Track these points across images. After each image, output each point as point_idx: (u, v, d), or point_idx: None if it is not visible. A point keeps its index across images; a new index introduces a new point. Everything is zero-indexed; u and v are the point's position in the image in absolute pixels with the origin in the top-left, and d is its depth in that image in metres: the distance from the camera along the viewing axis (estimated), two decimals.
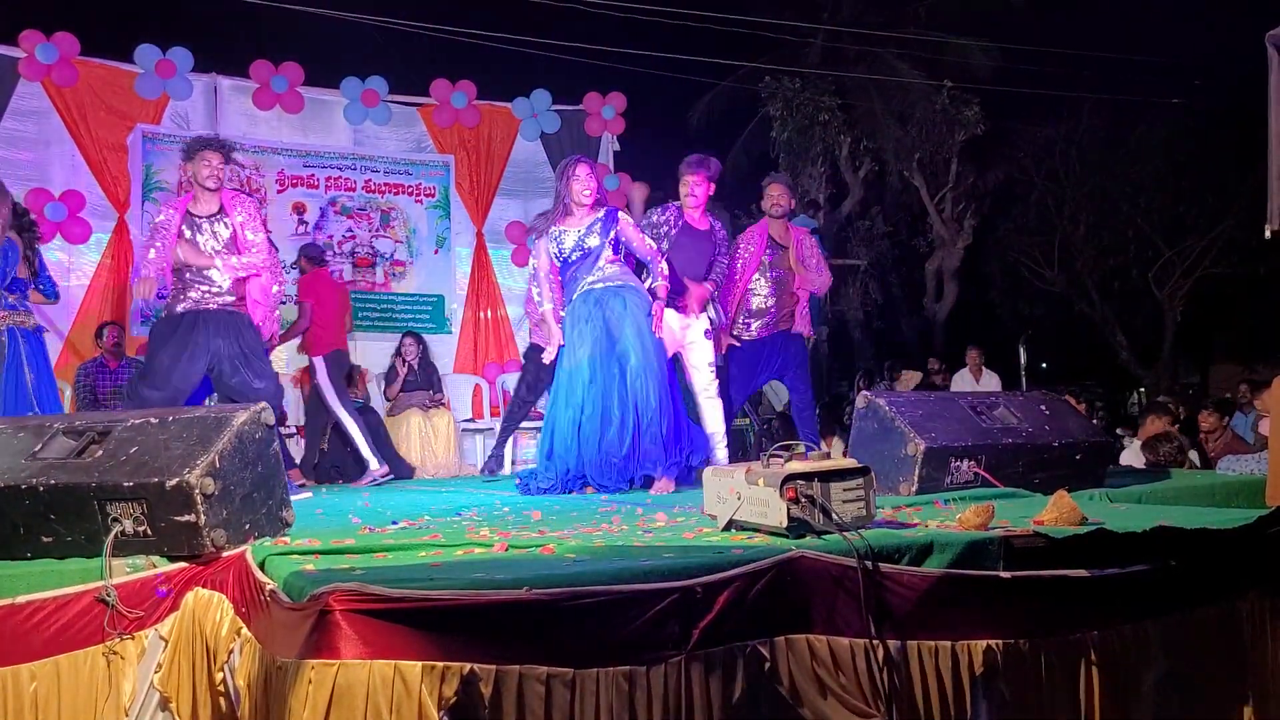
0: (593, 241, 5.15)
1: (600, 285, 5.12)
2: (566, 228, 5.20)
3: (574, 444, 4.94)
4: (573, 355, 5.09)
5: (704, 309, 5.60)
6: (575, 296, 5.16)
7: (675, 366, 5.41)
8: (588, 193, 5.16)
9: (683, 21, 13.18)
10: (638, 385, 4.95)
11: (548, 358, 5.32)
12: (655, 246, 5.33)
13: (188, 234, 5.20)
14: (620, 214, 5.29)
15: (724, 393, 5.69)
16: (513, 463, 7.47)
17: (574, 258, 5.18)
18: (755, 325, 6.10)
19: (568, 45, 12.20)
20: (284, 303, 6.64)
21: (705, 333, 5.53)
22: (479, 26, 11.80)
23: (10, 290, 5.42)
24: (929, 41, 15.76)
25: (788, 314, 6.15)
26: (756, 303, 6.10)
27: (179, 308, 5.17)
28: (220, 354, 5.13)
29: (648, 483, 4.88)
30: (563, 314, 5.25)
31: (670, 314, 5.37)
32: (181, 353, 5.06)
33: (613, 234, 5.19)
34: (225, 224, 5.28)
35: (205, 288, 5.18)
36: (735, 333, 6.10)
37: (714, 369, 5.54)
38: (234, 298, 5.24)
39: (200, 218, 5.24)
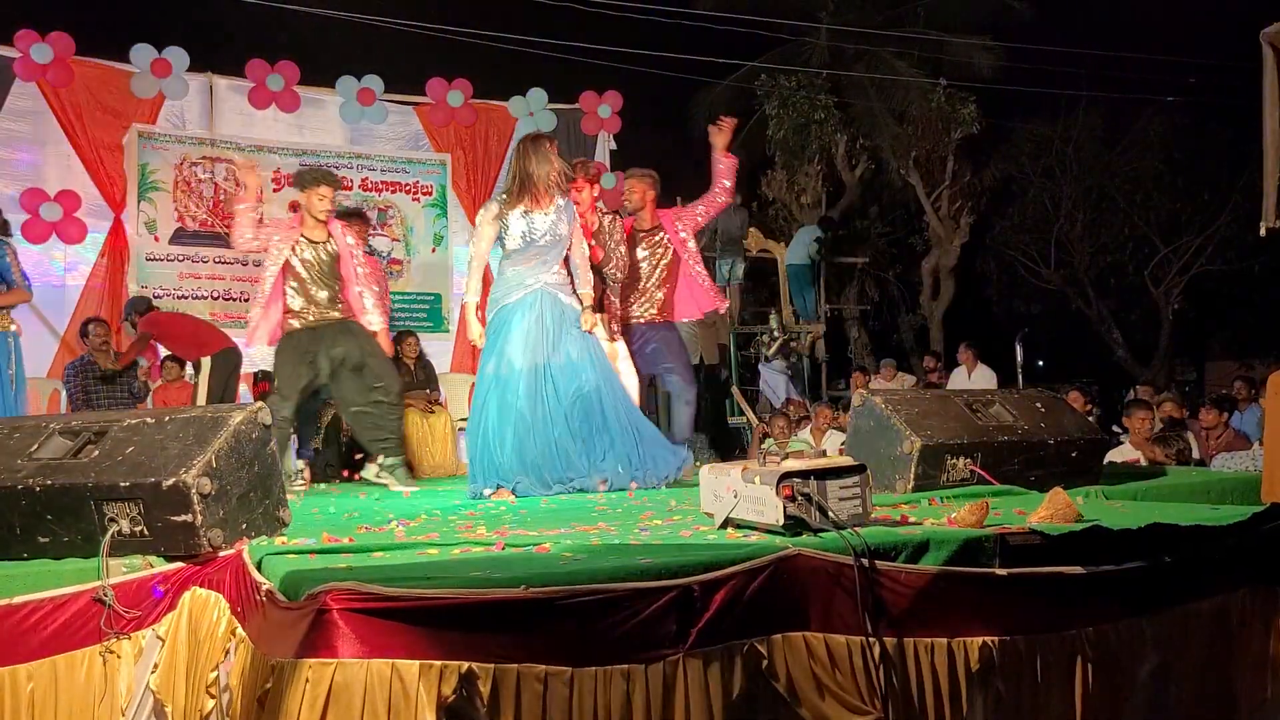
0: (563, 229, 4.92)
1: (556, 290, 4.91)
2: (534, 209, 4.88)
3: (551, 450, 4.72)
4: (527, 352, 4.81)
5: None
6: (534, 291, 4.85)
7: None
8: (557, 168, 4.91)
9: (680, 21, 13.19)
10: (605, 397, 4.83)
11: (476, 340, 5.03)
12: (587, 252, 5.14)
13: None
14: (573, 206, 5.11)
15: None
16: None
17: (544, 241, 4.89)
18: (632, 311, 5.85)
19: (564, 44, 12.20)
20: None
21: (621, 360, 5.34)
22: (475, 25, 11.80)
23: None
24: (927, 40, 15.76)
25: (664, 304, 5.85)
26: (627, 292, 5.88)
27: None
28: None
29: None
30: (508, 303, 4.89)
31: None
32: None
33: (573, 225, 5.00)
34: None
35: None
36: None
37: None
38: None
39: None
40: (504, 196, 4.97)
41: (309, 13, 10.80)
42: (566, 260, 5.02)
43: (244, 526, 2.85)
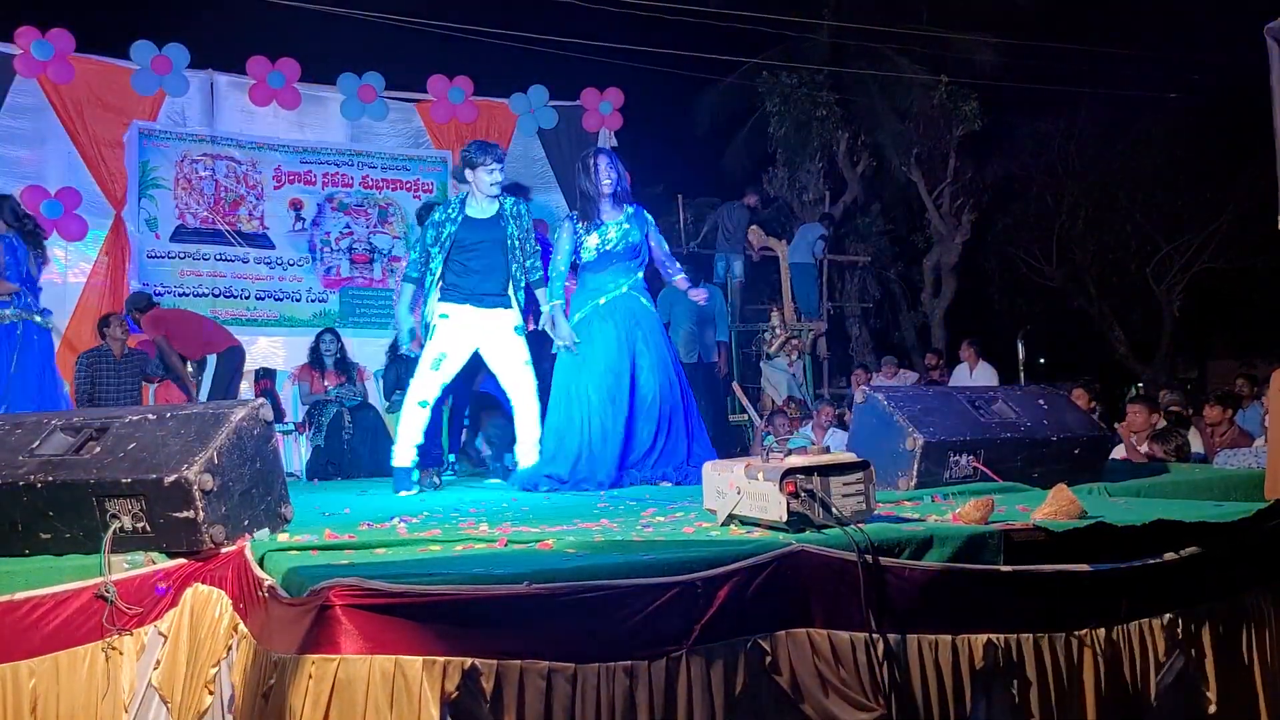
0: (635, 236, 5.18)
1: (633, 292, 5.16)
2: (605, 220, 5.15)
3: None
4: (609, 355, 5.01)
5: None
6: (612, 297, 5.09)
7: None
8: (609, 181, 5.16)
9: (681, 18, 13.16)
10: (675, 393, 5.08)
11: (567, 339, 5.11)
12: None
13: None
14: (647, 213, 5.33)
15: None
16: None
17: (619, 249, 5.15)
18: None
19: (566, 41, 12.19)
20: None
21: (517, 327, 5.12)
22: (476, 21, 11.78)
23: (26, 288, 5.65)
24: (930, 37, 15.74)
25: None
26: None
27: None
28: None
29: None
30: (579, 312, 5.14)
31: (464, 310, 5.00)
32: None
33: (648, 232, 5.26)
34: None
35: None
36: None
37: (529, 367, 5.12)
38: None
39: None
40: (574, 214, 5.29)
41: (310, 9, 10.79)
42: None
43: (246, 523, 2.84)
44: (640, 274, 5.23)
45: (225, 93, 8.94)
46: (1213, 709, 2.57)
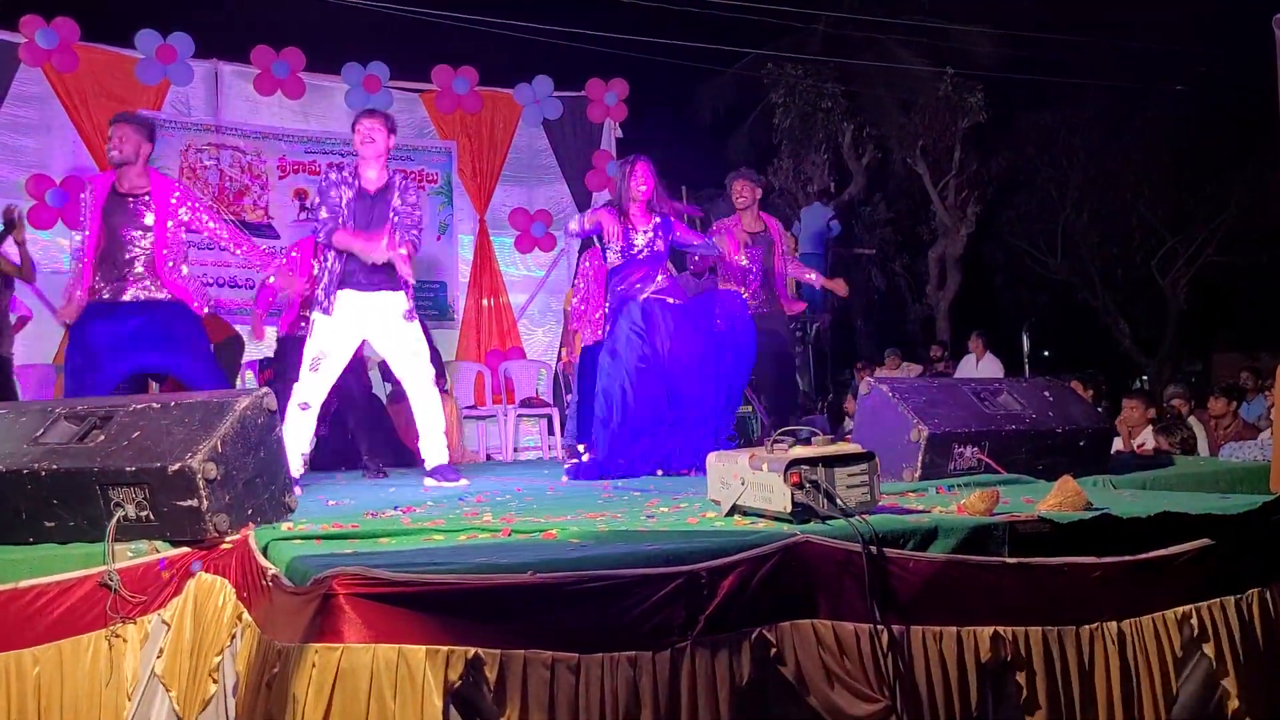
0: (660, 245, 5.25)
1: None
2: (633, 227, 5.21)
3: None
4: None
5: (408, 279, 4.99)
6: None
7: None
8: (644, 189, 5.19)
9: (686, 7, 13.13)
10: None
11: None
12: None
13: None
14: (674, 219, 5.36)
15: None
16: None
17: (643, 256, 5.20)
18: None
19: (570, 31, 12.16)
20: None
21: (406, 313, 4.88)
22: (481, 12, 11.75)
23: None
24: (933, 28, 15.69)
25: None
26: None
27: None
28: None
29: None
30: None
31: (345, 295, 4.74)
32: None
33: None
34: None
35: None
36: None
37: (423, 355, 4.90)
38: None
39: None
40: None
41: None
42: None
43: (250, 511, 2.84)
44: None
45: (230, 82, 8.91)
46: (1234, 704, 2.54)
